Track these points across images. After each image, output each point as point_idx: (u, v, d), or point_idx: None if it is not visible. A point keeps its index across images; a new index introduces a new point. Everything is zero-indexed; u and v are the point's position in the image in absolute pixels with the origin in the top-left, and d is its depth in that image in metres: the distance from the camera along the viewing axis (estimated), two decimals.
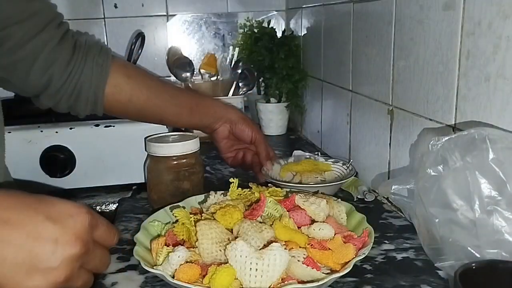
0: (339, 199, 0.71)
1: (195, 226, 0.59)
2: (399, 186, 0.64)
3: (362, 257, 0.57)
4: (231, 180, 0.70)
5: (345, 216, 0.68)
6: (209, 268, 0.54)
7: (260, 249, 0.54)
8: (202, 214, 0.65)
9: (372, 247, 0.68)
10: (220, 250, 0.57)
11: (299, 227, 0.62)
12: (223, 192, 0.72)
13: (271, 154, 0.92)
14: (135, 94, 0.80)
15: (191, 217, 0.62)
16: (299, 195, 0.67)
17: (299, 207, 0.65)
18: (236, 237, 0.58)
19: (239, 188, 0.70)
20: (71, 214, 0.43)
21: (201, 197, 0.74)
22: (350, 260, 0.56)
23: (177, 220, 0.64)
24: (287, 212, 0.64)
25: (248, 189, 0.71)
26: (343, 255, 0.57)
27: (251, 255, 0.53)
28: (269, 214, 0.64)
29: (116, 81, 0.78)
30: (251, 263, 0.52)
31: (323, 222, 0.63)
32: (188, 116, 0.86)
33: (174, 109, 0.85)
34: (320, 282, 0.52)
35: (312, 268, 0.54)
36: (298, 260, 0.55)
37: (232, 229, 0.61)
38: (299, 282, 0.53)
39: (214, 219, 0.62)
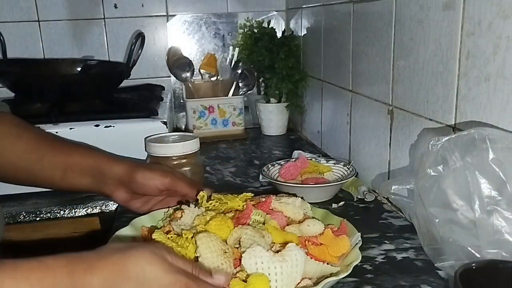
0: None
1: (192, 240, 0.55)
2: (399, 186, 0.64)
3: (360, 243, 0.59)
4: (200, 194, 0.66)
5: (311, 213, 0.68)
6: (232, 282, 0.51)
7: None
8: (178, 231, 0.60)
9: (372, 247, 0.68)
10: (226, 262, 0.54)
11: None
12: (194, 203, 0.66)
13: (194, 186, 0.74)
14: None
15: (170, 237, 0.57)
16: (274, 198, 0.67)
17: (274, 209, 0.65)
18: (235, 247, 0.56)
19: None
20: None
21: (162, 211, 0.70)
22: (346, 252, 0.58)
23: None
24: (269, 215, 0.63)
25: (212, 200, 0.67)
26: (339, 247, 0.58)
27: (272, 259, 0.52)
28: (254, 221, 0.62)
29: None
30: (275, 267, 0.51)
31: (312, 218, 0.64)
32: (60, 180, 0.72)
33: (44, 171, 0.72)
34: (343, 274, 0.53)
35: (324, 263, 0.55)
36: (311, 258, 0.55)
37: (225, 240, 0.58)
38: (314, 283, 0.53)
39: (206, 231, 0.58)
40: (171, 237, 0.57)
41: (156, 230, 0.58)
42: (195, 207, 0.64)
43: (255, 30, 1.38)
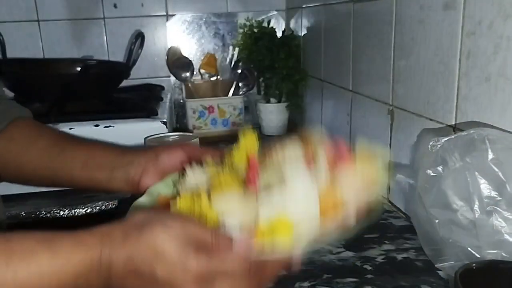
0: None
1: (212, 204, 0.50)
2: (403, 177, 0.64)
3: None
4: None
5: None
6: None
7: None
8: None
9: (373, 248, 0.68)
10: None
11: None
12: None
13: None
14: (14, 160, 0.71)
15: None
16: None
17: None
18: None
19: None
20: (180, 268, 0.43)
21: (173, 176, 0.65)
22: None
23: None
24: None
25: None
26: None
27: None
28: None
29: None
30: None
31: None
32: (81, 172, 0.69)
33: (65, 166, 0.70)
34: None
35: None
36: None
37: None
38: None
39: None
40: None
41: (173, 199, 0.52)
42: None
43: (255, 30, 1.38)
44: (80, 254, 0.43)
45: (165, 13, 1.46)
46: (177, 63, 1.42)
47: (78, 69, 1.12)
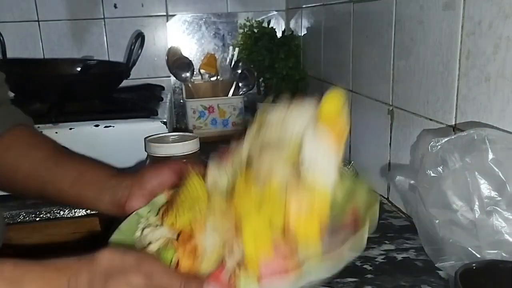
0: None
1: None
2: (403, 178, 0.64)
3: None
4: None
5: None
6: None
7: None
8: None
9: (372, 247, 0.68)
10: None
11: None
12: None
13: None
14: (7, 169, 0.71)
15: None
16: None
17: None
18: None
19: None
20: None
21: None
22: None
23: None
24: None
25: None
26: None
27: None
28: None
29: None
30: None
31: None
32: (69, 188, 0.69)
33: (54, 182, 0.70)
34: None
35: None
36: None
37: None
38: None
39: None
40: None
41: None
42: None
43: (255, 30, 1.38)
44: None
45: (165, 13, 1.46)
46: (177, 63, 1.42)
47: (78, 69, 1.12)
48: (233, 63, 1.42)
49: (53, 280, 0.44)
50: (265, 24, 1.40)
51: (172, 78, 1.48)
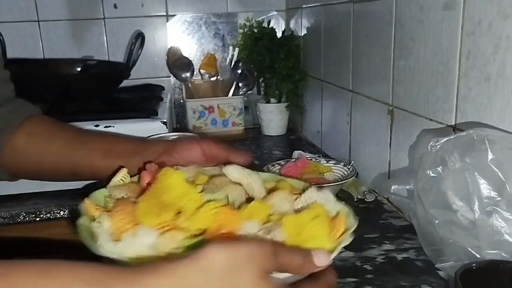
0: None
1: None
2: (398, 186, 0.64)
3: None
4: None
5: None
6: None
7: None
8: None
9: (373, 248, 0.68)
10: None
11: None
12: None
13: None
14: (36, 154, 0.72)
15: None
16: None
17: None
18: None
19: None
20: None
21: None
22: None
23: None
24: None
25: None
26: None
27: None
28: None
29: (15, 143, 0.71)
30: None
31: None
32: (102, 160, 0.70)
33: (86, 156, 0.71)
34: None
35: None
36: None
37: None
38: None
39: None
40: None
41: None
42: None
43: (255, 30, 1.38)
44: None
45: (165, 13, 1.46)
46: (177, 63, 1.42)
47: (78, 69, 1.12)
48: (233, 63, 1.42)
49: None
50: (265, 24, 1.40)
51: (172, 78, 1.48)
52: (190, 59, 1.44)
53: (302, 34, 1.35)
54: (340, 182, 0.86)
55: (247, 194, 0.53)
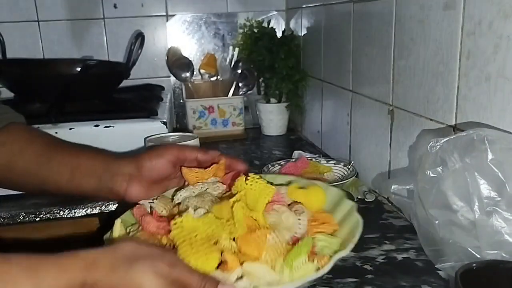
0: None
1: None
2: (399, 186, 0.64)
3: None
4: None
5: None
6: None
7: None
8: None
9: (373, 248, 0.68)
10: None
11: None
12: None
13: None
14: (5, 164, 0.72)
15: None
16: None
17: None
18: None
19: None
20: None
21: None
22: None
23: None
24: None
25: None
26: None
27: None
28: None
29: None
30: None
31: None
32: (68, 181, 0.70)
33: (52, 176, 0.71)
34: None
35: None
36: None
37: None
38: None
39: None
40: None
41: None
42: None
43: (255, 30, 1.38)
44: (64, 280, 0.43)
45: (165, 13, 1.46)
46: (177, 63, 1.42)
47: (78, 69, 1.12)
48: (233, 63, 1.42)
49: (69, 266, 0.43)
50: (265, 24, 1.40)
51: (172, 78, 1.48)
52: (190, 59, 1.44)
53: (302, 34, 1.35)
54: (340, 182, 0.86)
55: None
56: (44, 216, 0.90)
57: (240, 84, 1.36)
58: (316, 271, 0.49)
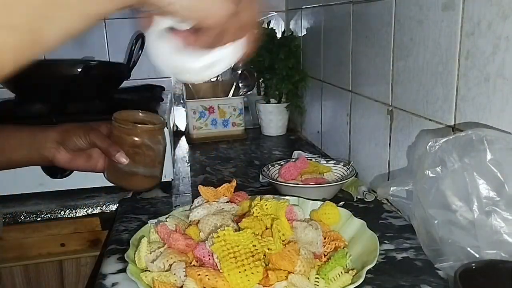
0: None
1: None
2: (397, 187, 0.64)
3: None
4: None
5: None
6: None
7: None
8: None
9: None
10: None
11: None
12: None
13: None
14: None
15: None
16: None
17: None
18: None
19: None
20: None
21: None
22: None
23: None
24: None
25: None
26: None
27: None
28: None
29: None
30: None
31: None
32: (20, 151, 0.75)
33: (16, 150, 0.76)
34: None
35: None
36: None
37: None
38: None
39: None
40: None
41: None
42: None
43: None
44: None
45: None
46: None
47: (79, 70, 1.12)
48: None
49: None
50: (265, 25, 1.40)
51: (173, 79, 1.48)
52: None
53: (302, 35, 1.35)
54: (340, 182, 0.86)
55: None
56: (44, 216, 0.90)
57: (240, 85, 1.36)
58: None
